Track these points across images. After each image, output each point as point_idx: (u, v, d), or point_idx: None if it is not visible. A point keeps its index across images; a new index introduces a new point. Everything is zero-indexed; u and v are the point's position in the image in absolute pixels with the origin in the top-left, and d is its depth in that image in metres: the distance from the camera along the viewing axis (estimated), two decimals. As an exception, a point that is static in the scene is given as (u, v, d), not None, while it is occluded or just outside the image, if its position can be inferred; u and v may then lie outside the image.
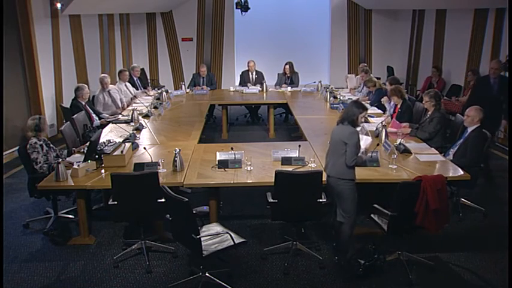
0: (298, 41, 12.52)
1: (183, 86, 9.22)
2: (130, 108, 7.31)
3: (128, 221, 4.57)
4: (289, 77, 9.48)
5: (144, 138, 5.73)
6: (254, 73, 9.50)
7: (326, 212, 4.23)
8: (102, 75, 7.61)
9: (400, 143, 4.99)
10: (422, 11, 11.03)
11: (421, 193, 3.66)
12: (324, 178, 3.99)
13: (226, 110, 8.48)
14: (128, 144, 4.97)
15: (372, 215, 4.07)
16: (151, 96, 8.67)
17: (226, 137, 8.37)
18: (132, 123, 6.40)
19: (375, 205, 3.94)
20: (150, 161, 4.62)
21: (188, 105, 8.06)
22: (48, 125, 7.38)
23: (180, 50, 12.63)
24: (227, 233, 3.57)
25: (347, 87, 9.20)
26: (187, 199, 3.29)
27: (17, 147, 5.49)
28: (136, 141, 5.42)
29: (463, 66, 8.99)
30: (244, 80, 9.50)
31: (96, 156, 4.60)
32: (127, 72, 8.52)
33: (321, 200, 3.93)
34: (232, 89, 9.35)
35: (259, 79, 9.40)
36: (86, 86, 6.83)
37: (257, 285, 3.82)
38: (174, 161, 4.44)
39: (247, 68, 9.55)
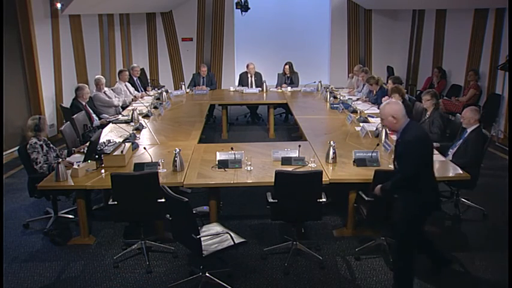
0: (298, 41, 12.52)
1: (183, 86, 9.21)
2: (130, 108, 7.31)
3: (128, 221, 4.57)
4: (289, 77, 9.48)
5: (144, 138, 5.73)
6: (253, 76, 9.48)
7: (326, 212, 4.23)
8: (98, 76, 7.64)
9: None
10: (422, 11, 11.04)
11: None
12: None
13: (226, 110, 8.47)
14: (127, 144, 4.97)
15: (356, 204, 4.25)
16: (151, 96, 8.67)
17: (226, 137, 8.36)
18: (132, 123, 6.40)
19: (360, 192, 4.08)
20: (150, 161, 4.62)
21: (188, 105, 8.06)
22: (48, 125, 7.38)
23: (180, 50, 12.63)
24: (227, 233, 3.56)
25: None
26: (187, 199, 3.29)
27: (17, 147, 5.49)
28: (136, 141, 5.42)
29: (463, 66, 8.99)
30: (243, 83, 9.46)
31: (96, 156, 4.59)
32: (127, 72, 8.54)
33: (320, 200, 3.93)
34: (232, 89, 9.35)
35: (259, 82, 9.38)
36: (86, 86, 6.84)
37: (257, 285, 3.82)
38: (174, 161, 4.44)
39: (245, 70, 9.53)
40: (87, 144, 4.78)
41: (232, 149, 4.74)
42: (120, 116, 6.95)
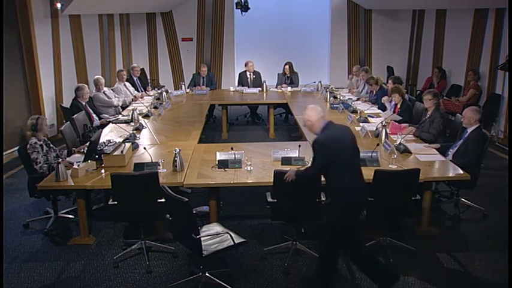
0: (298, 41, 12.51)
1: (183, 86, 9.22)
2: (130, 108, 7.31)
3: (127, 221, 4.57)
4: (289, 77, 9.48)
5: (144, 138, 5.73)
6: (252, 74, 9.49)
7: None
8: (97, 76, 7.66)
9: (400, 143, 4.98)
10: (422, 11, 11.04)
11: None
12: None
13: (226, 110, 8.47)
14: (127, 144, 4.97)
15: None
16: (151, 96, 8.67)
17: (226, 137, 8.37)
18: (132, 123, 6.40)
19: None
20: (150, 161, 4.62)
21: (188, 105, 8.06)
22: (48, 125, 7.37)
23: (180, 50, 12.63)
24: (227, 233, 3.56)
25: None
26: (187, 199, 3.29)
27: (17, 147, 5.49)
28: (136, 141, 5.42)
29: (463, 66, 8.99)
30: (242, 82, 9.47)
31: (96, 156, 4.60)
32: (124, 72, 8.55)
33: (320, 200, 3.93)
34: (232, 89, 9.35)
35: (257, 80, 9.39)
36: (86, 86, 6.84)
37: (257, 285, 3.82)
38: (174, 161, 4.44)
39: (244, 69, 9.53)
40: (87, 144, 4.78)
41: (232, 149, 4.74)
42: (120, 116, 6.95)
